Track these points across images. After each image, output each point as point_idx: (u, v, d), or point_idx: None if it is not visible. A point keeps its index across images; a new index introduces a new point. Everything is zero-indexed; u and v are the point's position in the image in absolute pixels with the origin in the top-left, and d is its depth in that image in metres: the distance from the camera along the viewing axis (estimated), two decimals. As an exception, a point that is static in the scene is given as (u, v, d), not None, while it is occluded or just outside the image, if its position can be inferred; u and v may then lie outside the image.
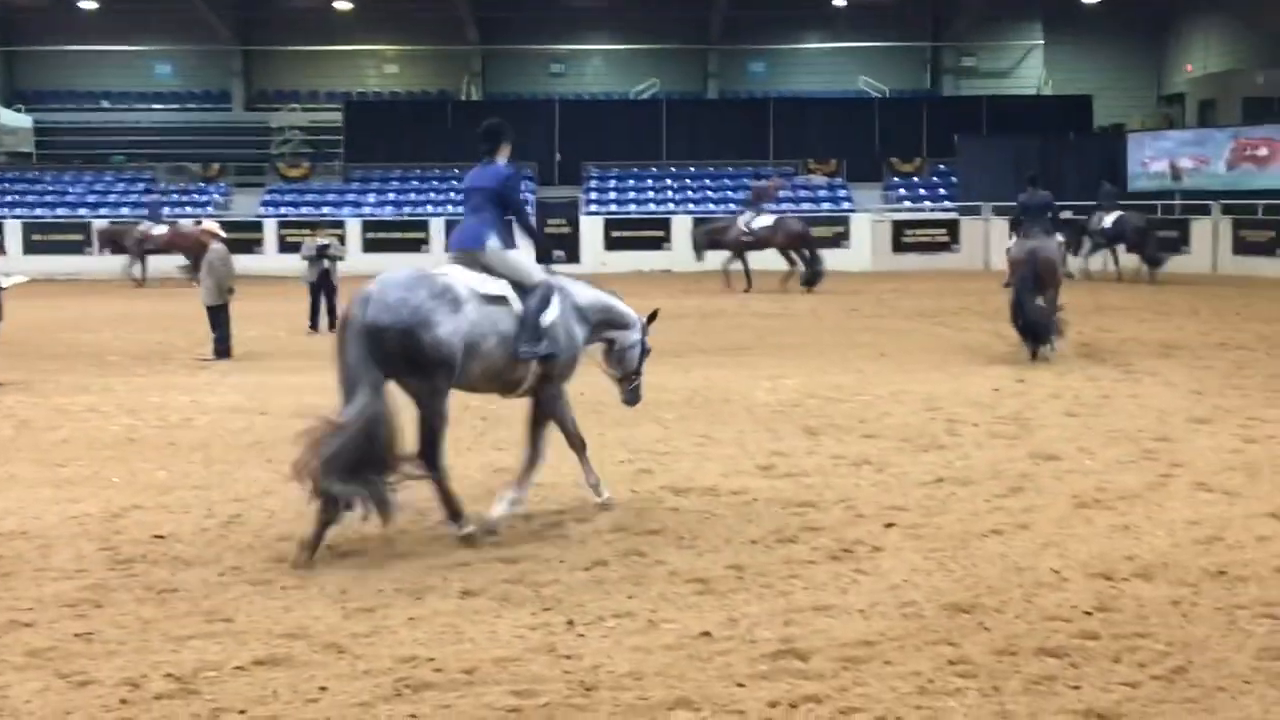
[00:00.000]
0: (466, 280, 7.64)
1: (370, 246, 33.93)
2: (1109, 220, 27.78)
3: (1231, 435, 10.43)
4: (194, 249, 25.36)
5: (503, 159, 8.44)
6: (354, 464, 7.05)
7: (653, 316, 9.03)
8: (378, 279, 7.51)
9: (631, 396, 8.98)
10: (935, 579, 6.77)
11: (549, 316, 7.94)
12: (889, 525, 7.82)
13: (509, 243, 8.02)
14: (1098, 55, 43.00)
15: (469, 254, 7.92)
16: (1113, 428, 10.81)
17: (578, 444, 8.42)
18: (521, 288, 7.88)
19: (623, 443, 10.42)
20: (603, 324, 8.56)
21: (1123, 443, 10.20)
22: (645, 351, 8.93)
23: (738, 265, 27.18)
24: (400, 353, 7.22)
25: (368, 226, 34.85)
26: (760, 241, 26.85)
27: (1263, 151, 32.36)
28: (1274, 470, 9.15)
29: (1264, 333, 17.64)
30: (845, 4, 40.78)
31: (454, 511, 7.55)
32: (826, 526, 7.80)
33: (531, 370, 7.90)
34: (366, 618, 6.24)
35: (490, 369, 7.71)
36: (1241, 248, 29.97)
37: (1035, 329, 15.10)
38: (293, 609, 6.38)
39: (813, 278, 26.19)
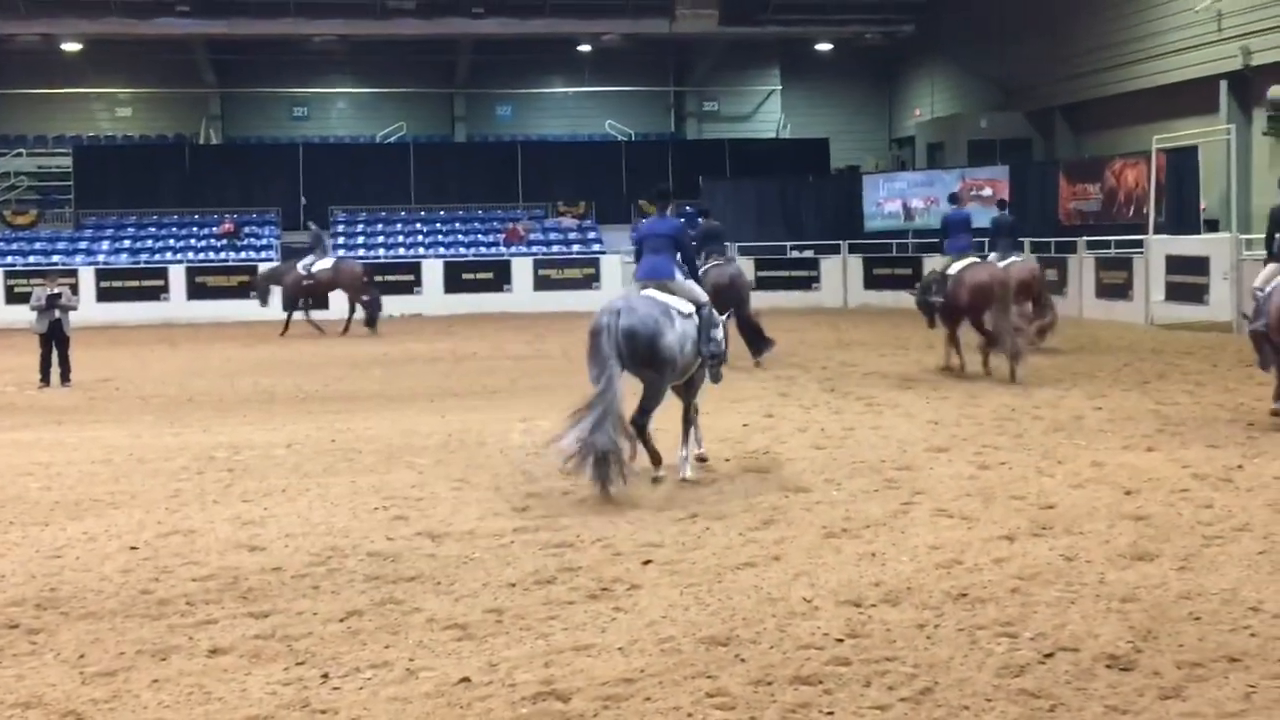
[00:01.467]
0: (673, 303, 10.22)
1: (104, 296, 32.57)
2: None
3: (967, 463, 10.88)
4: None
5: (670, 211, 11.24)
6: (600, 427, 9.44)
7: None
8: (620, 300, 10.23)
9: (715, 375, 10.89)
10: (692, 613, 6.84)
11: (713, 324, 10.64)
12: (646, 562, 7.87)
13: (684, 274, 10.74)
14: (833, 100, 44.63)
15: (661, 283, 10.46)
16: (857, 459, 11.15)
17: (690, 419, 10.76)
18: (695, 304, 10.47)
19: (376, 489, 10.23)
20: None
21: (867, 473, 10.53)
22: None
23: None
24: (645, 351, 9.86)
25: (101, 275, 33.42)
26: (320, 285, 27.07)
27: (987, 191, 34.04)
28: (1007, 495, 9.58)
29: (994, 364, 18.47)
30: (590, 49, 41.32)
31: (655, 459, 10.35)
32: (584, 566, 7.80)
33: (697, 364, 10.47)
34: (106, 682, 5.94)
35: (685, 365, 10.32)
36: (971, 283, 31.35)
37: (758, 340, 18.66)
38: (25, 677, 6.03)
39: (372, 319, 26.72)
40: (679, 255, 10.75)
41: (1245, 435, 11.93)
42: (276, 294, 27.72)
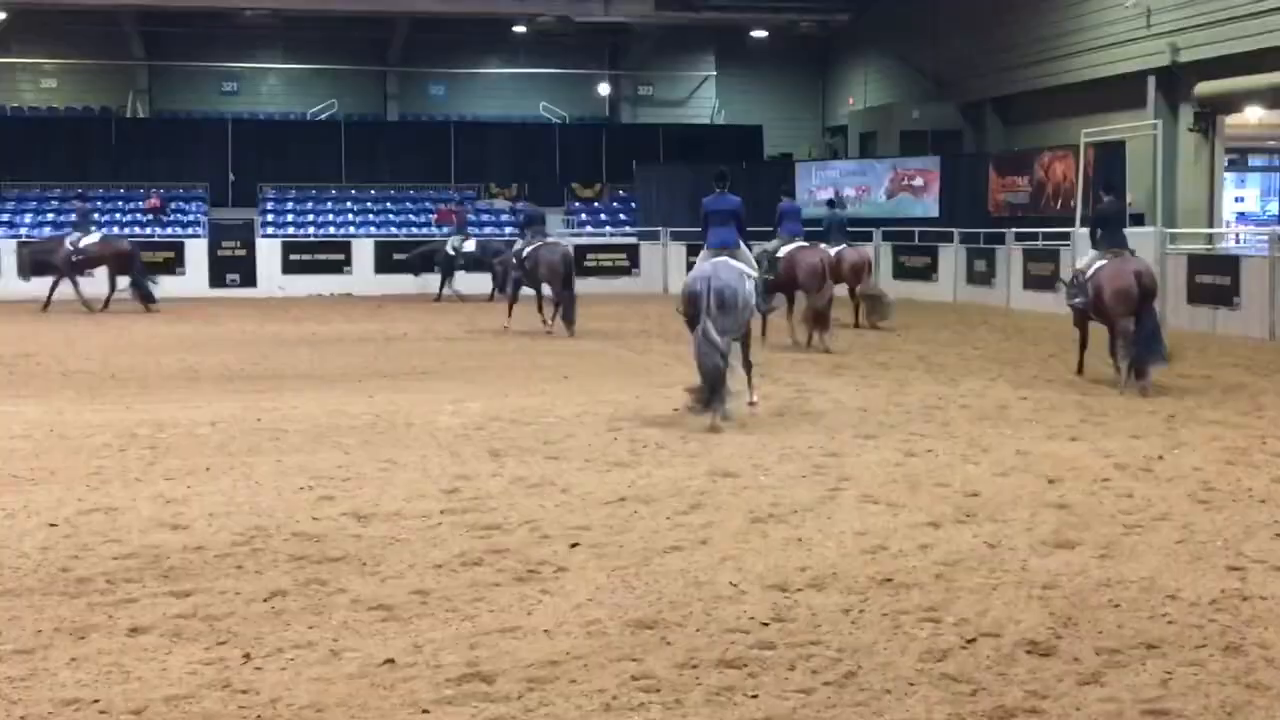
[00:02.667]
0: (740, 266, 12.68)
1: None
2: (470, 245, 30.56)
3: (894, 449, 10.96)
4: None
5: (728, 189, 13.22)
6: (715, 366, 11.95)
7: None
8: (710, 264, 12.55)
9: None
10: (619, 596, 6.84)
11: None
12: (574, 545, 7.86)
13: (744, 242, 13.18)
14: (767, 87, 44.74)
15: (730, 251, 12.76)
16: (786, 444, 11.20)
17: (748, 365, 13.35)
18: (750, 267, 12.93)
19: (303, 468, 10.14)
20: None
21: (795, 459, 10.58)
22: None
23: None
24: (731, 304, 12.21)
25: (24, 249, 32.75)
26: (89, 261, 27.08)
27: (918, 181, 34.33)
28: (933, 482, 9.66)
29: (921, 353, 18.67)
30: (525, 31, 41.12)
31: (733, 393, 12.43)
32: (512, 548, 7.78)
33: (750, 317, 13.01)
34: (23, 660, 5.85)
35: (748, 315, 12.82)
36: (901, 273, 31.65)
37: (573, 312, 21.31)
38: (-61, 655, 5.92)
39: (146, 296, 26.97)
40: (738, 226, 13.09)
41: (1166, 427, 12.12)
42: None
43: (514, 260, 22.49)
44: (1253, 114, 29.33)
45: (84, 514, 8.64)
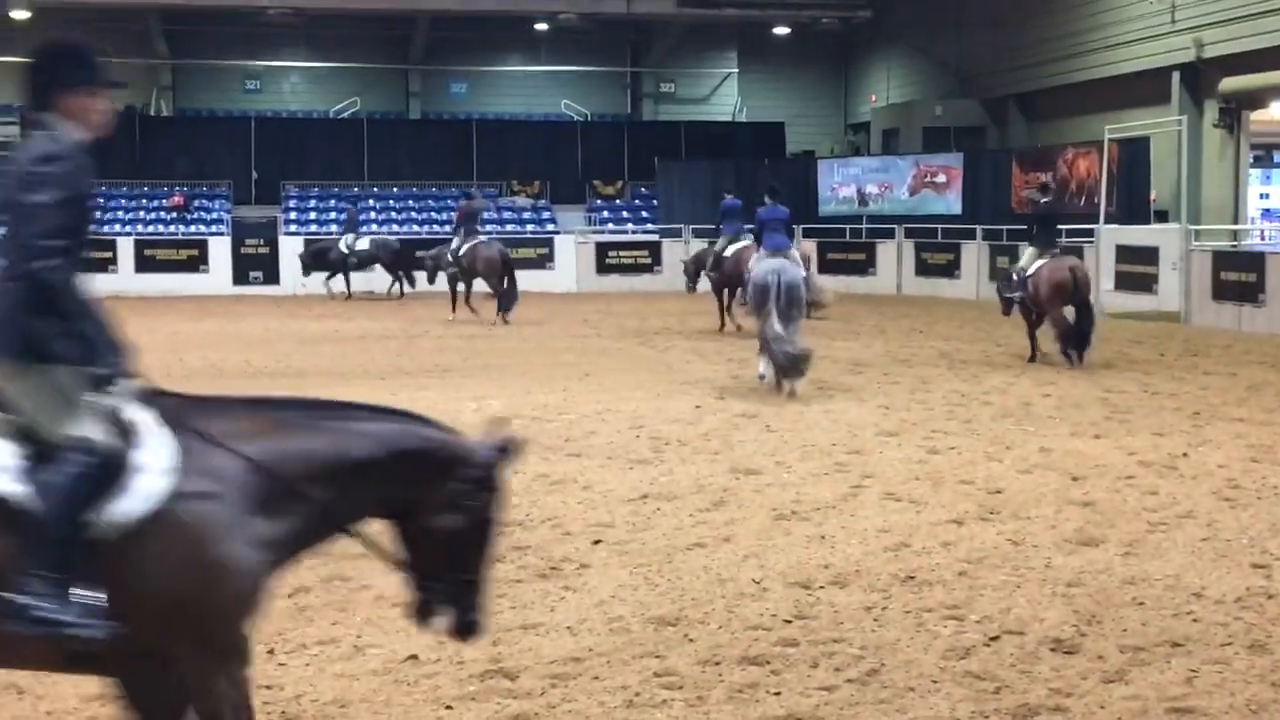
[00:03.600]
0: (798, 264, 14.81)
1: (51, 267, 32.08)
2: (363, 243, 30.94)
3: (917, 447, 10.94)
4: None
5: (778, 200, 16.08)
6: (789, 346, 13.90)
7: None
8: (777, 264, 14.24)
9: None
10: (641, 593, 6.85)
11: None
12: (596, 542, 7.87)
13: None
14: (789, 84, 44.63)
15: (785, 253, 14.69)
16: (808, 442, 11.19)
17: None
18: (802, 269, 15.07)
19: (325, 466, 10.14)
20: None
21: (817, 456, 10.57)
22: None
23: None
24: (797, 297, 14.12)
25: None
26: None
27: (941, 178, 34.23)
28: (956, 479, 9.64)
29: (944, 350, 18.61)
30: (546, 28, 41.10)
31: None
32: (534, 545, 7.79)
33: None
34: (49, 656, 5.87)
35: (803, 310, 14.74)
36: (923, 269, 31.57)
37: (510, 300, 23.32)
38: (-34, 651, 5.95)
39: None
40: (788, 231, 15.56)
41: (1191, 424, 12.06)
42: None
43: (449, 258, 24.54)
44: (1278, 110, 29.16)
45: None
